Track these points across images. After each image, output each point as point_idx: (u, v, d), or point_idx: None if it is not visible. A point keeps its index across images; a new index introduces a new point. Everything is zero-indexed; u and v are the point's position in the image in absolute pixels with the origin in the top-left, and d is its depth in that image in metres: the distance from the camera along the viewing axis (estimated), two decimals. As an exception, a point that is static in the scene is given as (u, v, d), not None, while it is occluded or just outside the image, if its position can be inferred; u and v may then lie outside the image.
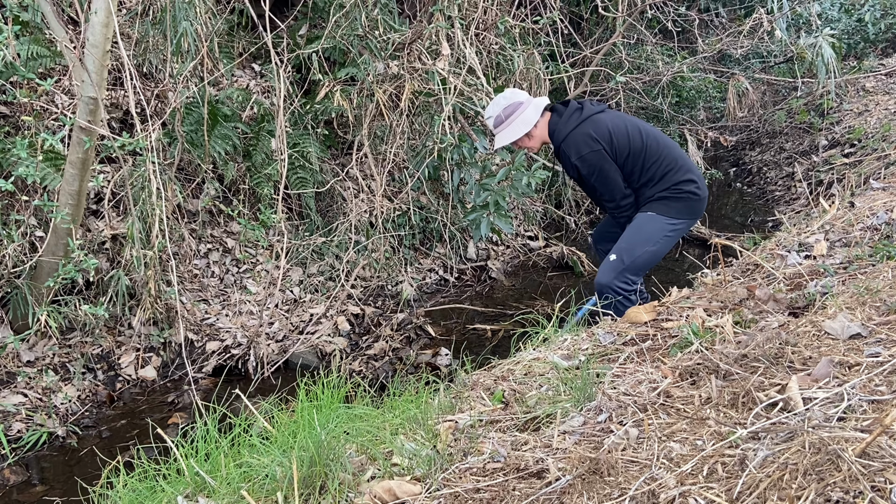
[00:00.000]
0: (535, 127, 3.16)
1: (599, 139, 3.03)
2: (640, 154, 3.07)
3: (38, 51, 3.71)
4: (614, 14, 5.50)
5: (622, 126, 3.10)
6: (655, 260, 3.13)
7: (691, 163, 3.16)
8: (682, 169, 3.08)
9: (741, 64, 7.36)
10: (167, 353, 3.79)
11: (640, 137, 3.09)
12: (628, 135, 3.07)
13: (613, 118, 3.13)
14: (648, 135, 3.12)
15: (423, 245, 5.09)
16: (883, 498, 1.14)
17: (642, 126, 3.18)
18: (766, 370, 1.73)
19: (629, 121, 3.19)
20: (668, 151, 3.10)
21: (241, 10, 4.56)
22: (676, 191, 3.06)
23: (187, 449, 1.97)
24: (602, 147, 3.03)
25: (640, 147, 3.07)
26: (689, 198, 3.06)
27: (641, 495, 1.36)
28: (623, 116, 3.22)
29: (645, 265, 3.10)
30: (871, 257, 2.49)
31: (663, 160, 3.07)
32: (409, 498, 1.57)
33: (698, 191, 3.09)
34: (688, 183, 3.06)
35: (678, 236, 3.15)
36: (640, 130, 3.12)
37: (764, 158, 7.35)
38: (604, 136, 3.04)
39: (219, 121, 4.22)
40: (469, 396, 2.12)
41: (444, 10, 4.40)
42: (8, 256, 3.31)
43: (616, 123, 3.10)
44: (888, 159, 5.14)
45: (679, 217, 3.07)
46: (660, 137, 3.16)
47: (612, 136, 3.05)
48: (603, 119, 3.09)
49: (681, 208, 3.06)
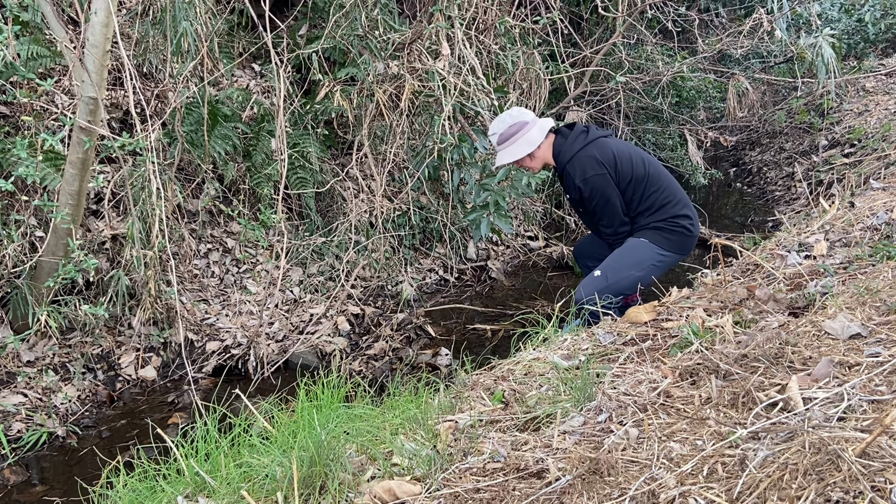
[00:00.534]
0: (539, 148, 3.15)
1: (605, 163, 3.06)
2: (642, 182, 3.10)
3: (38, 51, 3.71)
4: (614, 14, 5.50)
5: (626, 152, 3.13)
6: (634, 287, 3.10)
7: (688, 200, 3.22)
8: (680, 204, 3.14)
9: (741, 64, 7.36)
10: (167, 353, 3.79)
11: (644, 166, 3.12)
12: (632, 161, 3.10)
13: (618, 144, 3.19)
14: (651, 164, 3.17)
15: (423, 245, 5.09)
16: (883, 498, 1.14)
17: (645, 156, 3.23)
18: (766, 370, 1.73)
19: (633, 149, 3.23)
20: (668, 183, 3.16)
21: (241, 10, 4.56)
22: (672, 223, 3.10)
23: (187, 449, 1.97)
24: (607, 171, 3.05)
25: (643, 175, 3.10)
26: (683, 233, 3.11)
27: (641, 495, 1.36)
28: (627, 144, 3.28)
29: (626, 288, 3.07)
30: (871, 257, 2.49)
31: (663, 191, 3.12)
32: (409, 498, 1.57)
33: (692, 227, 3.14)
34: (683, 218, 3.11)
35: (664, 268, 3.16)
36: (643, 159, 3.17)
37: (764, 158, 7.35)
38: (609, 160, 3.06)
39: (219, 121, 4.22)
40: (469, 396, 2.12)
41: (444, 10, 4.40)
42: (8, 256, 3.31)
43: (620, 149, 3.14)
44: (888, 159, 5.14)
45: (670, 250, 3.10)
46: (661, 169, 3.22)
47: (617, 161, 3.07)
48: (608, 143, 3.13)
49: (673, 241, 3.10)
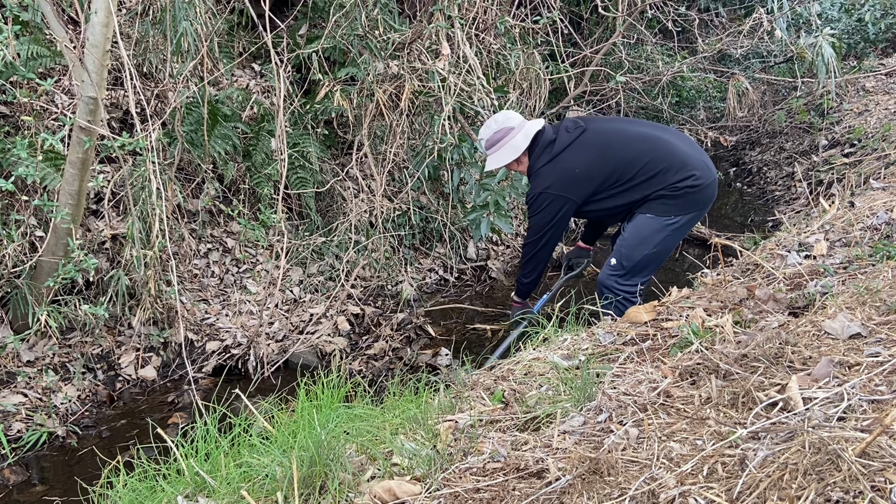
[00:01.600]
0: (524, 153, 3.15)
1: (559, 187, 3.01)
2: (618, 172, 2.99)
3: (38, 51, 3.71)
4: (614, 14, 5.50)
5: (591, 156, 3.01)
6: (660, 260, 3.09)
7: (688, 156, 2.99)
8: (674, 168, 2.96)
9: (741, 64, 7.36)
10: (167, 352, 3.79)
11: (614, 156, 2.99)
12: (599, 162, 3.00)
13: (581, 148, 3.02)
14: (625, 148, 3.01)
15: (423, 245, 5.09)
16: (883, 498, 1.14)
17: (627, 134, 3.06)
18: (766, 370, 1.73)
19: (603, 141, 3.05)
20: (653, 157, 2.97)
21: (241, 10, 4.55)
22: (673, 189, 2.97)
23: (187, 449, 1.97)
24: (560, 196, 3.01)
25: (614, 169, 2.99)
26: (688, 193, 2.96)
27: (641, 495, 1.36)
28: (596, 136, 3.08)
29: (645, 267, 3.06)
30: (871, 257, 2.49)
31: (648, 166, 2.97)
32: (409, 498, 1.57)
33: (696, 182, 2.95)
34: (683, 179, 2.95)
35: (685, 231, 3.08)
36: (614, 149, 3.01)
37: (764, 158, 7.35)
38: (567, 183, 3.01)
39: (219, 121, 4.22)
40: (469, 396, 2.12)
41: (444, 9, 4.40)
42: (8, 256, 3.31)
43: (583, 156, 3.00)
44: (888, 159, 5.14)
45: (679, 214, 3.00)
46: (646, 142, 3.02)
47: (579, 178, 3.00)
48: (567, 159, 3.01)
49: (680, 204, 2.98)
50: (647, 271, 3.10)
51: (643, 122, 3.25)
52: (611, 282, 3.07)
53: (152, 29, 4.08)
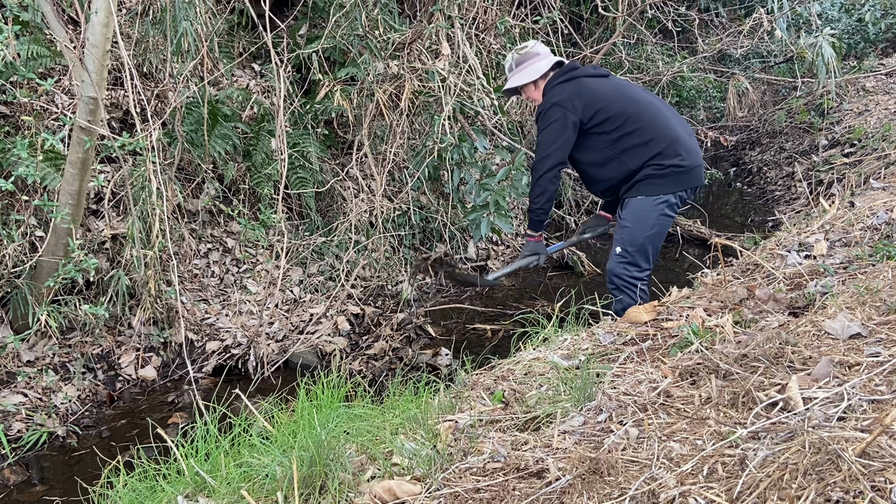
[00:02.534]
0: (543, 78, 3.26)
1: (573, 100, 3.10)
2: (620, 119, 3.08)
3: (38, 51, 3.71)
4: (614, 14, 5.50)
5: (610, 92, 3.13)
6: (659, 240, 3.17)
7: (678, 136, 3.08)
8: (662, 141, 3.04)
9: (741, 64, 7.36)
10: (167, 352, 3.79)
11: (627, 104, 3.10)
12: (613, 101, 3.10)
13: (605, 84, 3.16)
14: (637, 102, 3.12)
15: (423, 245, 5.09)
16: (883, 498, 1.14)
17: (636, 95, 3.18)
18: (766, 370, 1.73)
19: (625, 88, 3.20)
20: (650, 122, 3.07)
21: (241, 10, 4.55)
22: (658, 167, 3.05)
23: (187, 449, 1.97)
24: (570, 110, 3.09)
25: (621, 114, 3.08)
26: (674, 171, 3.05)
27: (641, 495, 1.36)
28: (621, 84, 3.24)
29: (649, 249, 3.14)
30: (871, 257, 2.49)
31: (643, 130, 3.06)
32: (409, 498, 1.57)
33: (683, 162, 3.05)
34: (668, 157, 3.04)
35: (675, 210, 3.15)
36: (629, 98, 3.13)
37: (764, 158, 7.35)
38: (579, 99, 3.10)
39: (219, 121, 4.22)
40: (469, 396, 2.12)
41: (444, 9, 4.40)
42: (8, 256, 3.31)
43: (604, 89, 3.14)
44: (888, 159, 5.14)
45: (667, 192, 3.08)
46: (646, 108, 3.12)
47: (591, 102, 3.10)
48: (589, 84, 3.15)
49: (667, 182, 3.07)
50: (649, 255, 3.15)
51: (653, 95, 3.35)
52: (620, 269, 3.13)
53: (152, 29, 4.08)
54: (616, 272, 3.15)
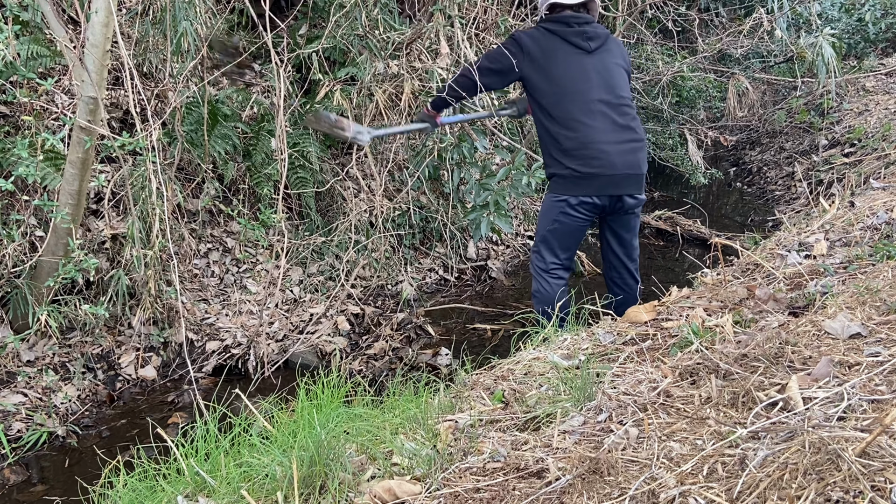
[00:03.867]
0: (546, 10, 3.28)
1: (528, 44, 3.13)
2: (557, 95, 3.10)
3: (38, 50, 3.71)
4: (614, 14, 5.50)
5: (563, 69, 3.10)
6: (561, 237, 3.22)
7: (597, 138, 3.05)
8: (575, 148, 3.06)
9: (741, 64, 7.35)
10: (167, 352, 3.79)
11: (566, 87, 3.09)
12: (558, 76, 3.09)
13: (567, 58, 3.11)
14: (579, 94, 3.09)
15: (423, 245, 5.09)
16: (883, 498, 1.14)
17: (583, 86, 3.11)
18: (766, 370, 1.73)
19: (578, 73, 3.10)
20: (576, 129, 3.07)
21: (241, 10, 4.55)
22: (560, 166, 3.12)
23: (187, 449, 1.97)
24: (519, 51, 3.13)
25: (561, 91, 3.10)
26: (571, 175, 3.09)
27: (641, 495, 1.36)
28: (580, 66, 3.12)
29: (551, 241, 3.24)
30: (871, 257, 2.49)
31: (565, 129, 3.08)
32: (409, 498, 1.57)
33: (581, 168, 3.05)
34: (571, 160, 3.07)
35: (581, 213, 3.15)
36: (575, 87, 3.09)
37: (764, 158, 7.35)
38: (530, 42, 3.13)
39: (219, 120, 4.22)
40: (469, 396, 2.12)
41: (444, 9, 4.40)
42: (8, 256, 3.31)
43: (561, 63, 3.12)
44: (888, 159, 5.14)
45: (565, 193, 3.12)
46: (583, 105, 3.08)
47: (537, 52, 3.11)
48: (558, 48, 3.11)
49: (566, 185, 3.13)
50: (554, 248, 3.25)
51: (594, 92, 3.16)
52: (532, 255, 3.39)
53: (152, 29, 4.08)
54: (532, 253, 3.39)
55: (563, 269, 3.31)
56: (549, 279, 3.27)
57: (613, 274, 3.47)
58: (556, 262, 3.28)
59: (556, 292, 3.20)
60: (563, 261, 3.31)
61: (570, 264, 3.41)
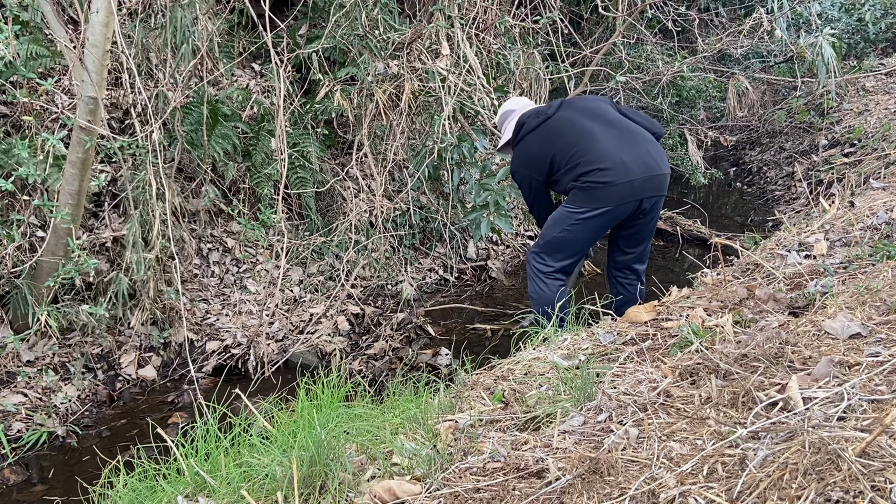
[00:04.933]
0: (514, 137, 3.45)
1: (526, 167, 3.37)
2: (562, 153, 3.23)
3: (38, 51, 3.71)
4: (614, 14, 5.50)
5: (546, 137, 3.29)
6: (569, 245, 3.27)
7: (605, 153, 3.14)
8: (587, 162, 3.14)
9: (741, 64, 7.35)
10: (167, 352, 3.79)
11: (562, 136, 3.24)
12: (547, 145, 3.27)
13: (539, 134, 3.31)
14: (571, 133, 3.23)
15: (423, 245, 5.09)
16: (883, 498, 1.14)
17: (573, 125, 3.26)
18: (766, 370, 1.73)
19: (563, 123, 3.28)
20: (584, 145, 3.17)
21: (241, 10, 4.55)
22: (582, 181, 3.16)
23: (187, 448, 1.97)
24: (524, 171, 3.38)
25: (561, 147, 3.23)
26: (591, 187, 3.12)
27: (641, 495, 1.36)
28: (559, 121, 3.30)
29: (559, 249, 3.27)
30: (871, 257, 2.49)
31: (577, 154, 3.17)
32: (409, 497, 1.57)
33: (603, 178, 3.10)
34: (593, 173, 3.11)
35: (595, 224, 3.20)
36: (563, 132, 3.25)
37: (764, 158, 7.35)
38: (526, 162, 3.37)
39: (219, 120, 4.22)
40: (469, 396, 2.12)
41: (444, 9, 4.40)
42: (8, 256, 3.31)
43: (538, 140, 3.29)
44: (888, 159, 5.14)
45: (585, 205, 3.15)
46: (579, 134, 3.21)
47: (535, 157, 3.31)
48: (527, 142, 3.33)
49: (586, 197, 3.15)
50: (559, 255, 3.29)
51: (597, 112, 3.35)
52: (531, 255, 3.40)
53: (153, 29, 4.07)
54: (529, 253, 3.42)
55: (563, 273, 3.33)
56: (548, 280, 3.29)
57: (619, 274, 3.47)
58: (560, 265, 3.29)
59: (555, 293, 3.22)
60: (568, 265, 3.34)
61: (572, 269, 3.42)
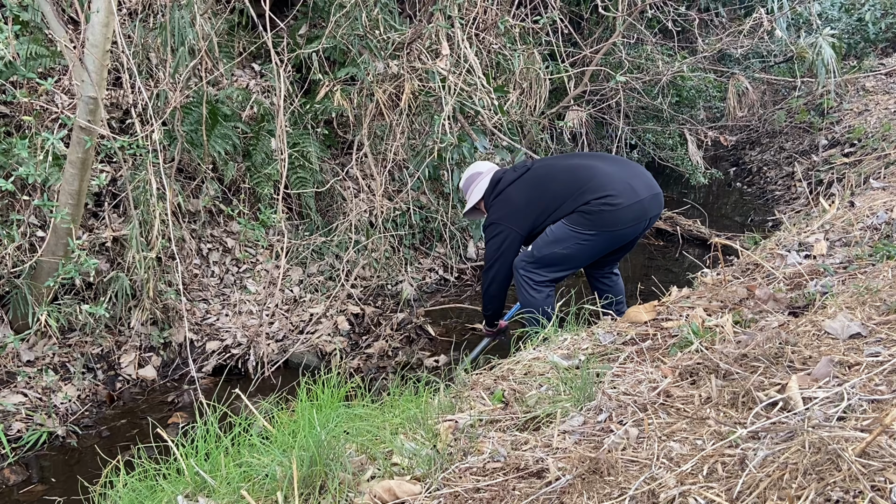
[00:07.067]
0: (485, 197, 3.43)
1: (506, 219, 3.32)
2: (551, 201, 3.23)
3: (38, 51, 3.71)
4: (614, 14, 5.50)
5: (529, 189, 3.31)
6: (567, 262, 3.24)
7: (609, 178, 3.15)
8: (592, 189, 3.12)
9: (741, 64, 7.36)
10: (167, 352, 3.79)
11: (548, 187, 3.26)
12: (536, 193, 3.28)
13: (524, 184, 3.31)
14: (560, 174, 3.27)
15: (423, 245, 5.09)
16: (883, 498, 1.14)
17: (558, 168, 3.32)
18: (766, 370, 1.73)
19: (546, 170, 3.32)
20: (577, 181, 3.17)
21: (241, 10, 4.55)
22: (588, 205, 3.12)
23: (187, 448, 1.97)
24: (504, 224, 3.31)
25: (550, 198, 3.23)
26: (602, 211, 3.09)
27: (641, 495, 1.36)
28: (540, 169, 3.34)
29: (554, 264, 3.23)
30: (871, 257, 2.49)
31: (572, 189, 3.17)
32: (409, 498, 1.57)
33: (613, 202, 3.09)
34: (599, 198, 3.10)
35: (595, 245, 3.19)
36: (551, 177, 3.28)
37: (764, 158, 7.35)
38: (507, 213, 3.32)
39: (219, 120, 4.22)
40: (469, 396, 2.12)
41: (444, 9, 4.40)
42: (8, 256, 3.31)
43: (524, 190, 3.30)
44: (888, 159, 5.14)
45: (592, 229, 3.12)
46: (570, 172, 3.24)
47: (517, 211, 3.30)
48: (510, 193, 3.33)
49: (592, 221, 3.11)
50: (555, 269, 3.26)
51: (584, 156, 3.49)
52: (521, 263, 3.31)
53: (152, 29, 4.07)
54: (517, 265, 3.33)
55: (554, 282, 3.32)
56: (541, 288, 3.27)
57: (601, 276, 3.52)
58: (553, 276, 3.27)
59: (546, 297, 3.24)
60: (561, 277, 3.33)
61: (563, 279, 3.40)
